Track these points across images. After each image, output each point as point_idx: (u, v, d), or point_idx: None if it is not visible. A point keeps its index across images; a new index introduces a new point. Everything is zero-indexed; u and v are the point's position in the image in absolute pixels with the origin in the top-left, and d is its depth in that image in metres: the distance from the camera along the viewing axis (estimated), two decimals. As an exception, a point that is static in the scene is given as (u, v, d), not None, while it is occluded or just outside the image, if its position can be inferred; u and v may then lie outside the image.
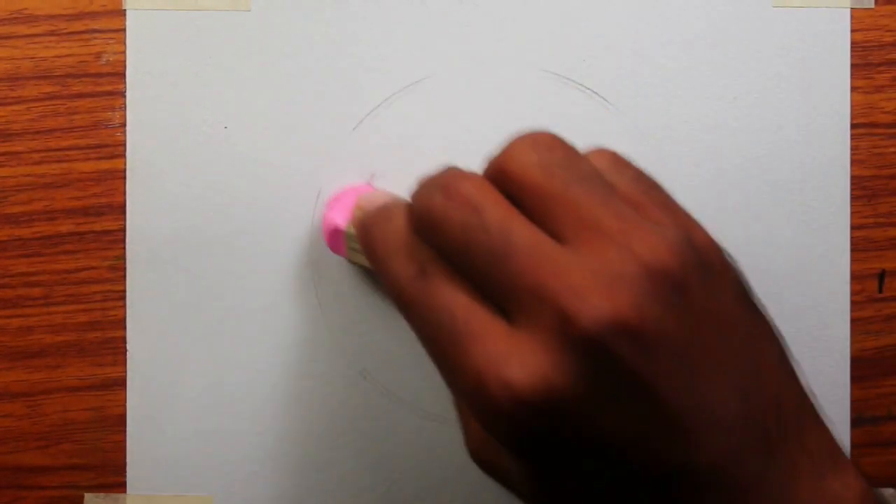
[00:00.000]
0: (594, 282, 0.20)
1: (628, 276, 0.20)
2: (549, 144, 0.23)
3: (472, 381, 0.21)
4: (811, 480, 0.22)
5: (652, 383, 0.21)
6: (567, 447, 0.21)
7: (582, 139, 0.35)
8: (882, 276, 0.35)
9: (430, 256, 0.23)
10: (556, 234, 0.22)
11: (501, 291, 0.21)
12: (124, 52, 0.35)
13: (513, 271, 0.21)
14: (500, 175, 0.23)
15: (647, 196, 0.24)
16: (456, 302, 0.22)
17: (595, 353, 0.20)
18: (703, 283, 0.22)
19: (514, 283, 0.21)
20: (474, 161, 0.35)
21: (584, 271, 0.21)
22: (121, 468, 0.35)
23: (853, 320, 0.35)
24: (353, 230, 0.32)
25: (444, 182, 0.23)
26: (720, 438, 0.21)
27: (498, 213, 0.22)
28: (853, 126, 0.35)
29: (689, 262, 0.21)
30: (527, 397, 0.20)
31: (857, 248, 0.35)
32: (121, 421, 0.35)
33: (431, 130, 0.35)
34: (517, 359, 0.20)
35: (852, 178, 0.35)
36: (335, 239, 0.33)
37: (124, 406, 0.35)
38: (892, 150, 0.35)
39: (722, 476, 0.21)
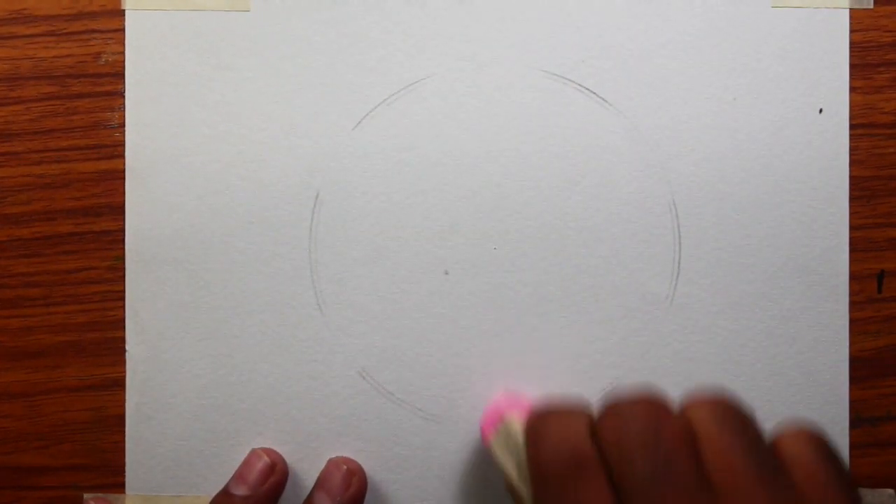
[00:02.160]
0: None
1: None
2: (745, 427, 0.24)
3: None
4: None
5: None
6: None
7: (582, 139, 0.35)
8: (881, 276, 0.35)
9: (593, 455, 0.24)
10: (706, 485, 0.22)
11: None
12: (123, 53, 0.35)
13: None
14: (702, 438, 0.24)
15: (827, 481, 0.24)
16: None
17: None
18: None
19: None
20: (472, 159, 0.35)
21: None
22: (120, 468, 0.35)
23: (852, 321, 0.35)
24: (513, 424, 0.31)
25: (652, 425, 0.24)
26: None
27: (686, 476, 0.22)
28: (852, 126, 0.35)
29: None
30: None
31: (856, 248, 0.35)
32: (120, 421, 0.35)
33: (431, 130, 0.35)
34: None
35: (851, 178, 0.35)
36: (493, 417, 0.32)
37: (123, 406, 0.35)
38: (891, 150, 0.35)
39: None
